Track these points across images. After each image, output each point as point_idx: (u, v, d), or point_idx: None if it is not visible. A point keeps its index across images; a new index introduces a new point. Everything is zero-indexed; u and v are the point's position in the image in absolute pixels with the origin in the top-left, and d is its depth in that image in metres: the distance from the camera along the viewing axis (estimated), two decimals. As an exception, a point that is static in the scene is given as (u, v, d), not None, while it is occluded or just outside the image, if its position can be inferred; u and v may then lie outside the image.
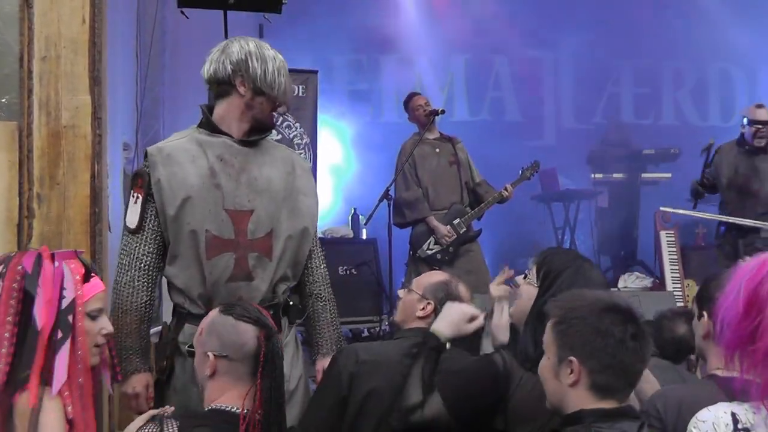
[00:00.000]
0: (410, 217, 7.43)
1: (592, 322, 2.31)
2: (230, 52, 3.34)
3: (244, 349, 2.70)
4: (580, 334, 2.32)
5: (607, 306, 2.34)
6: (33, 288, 2.43)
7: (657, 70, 12.32)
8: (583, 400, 2.32)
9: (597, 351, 2.29)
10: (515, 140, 11.47)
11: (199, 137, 3.37)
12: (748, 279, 1.84)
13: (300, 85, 8.61)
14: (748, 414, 1.86)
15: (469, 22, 11.43)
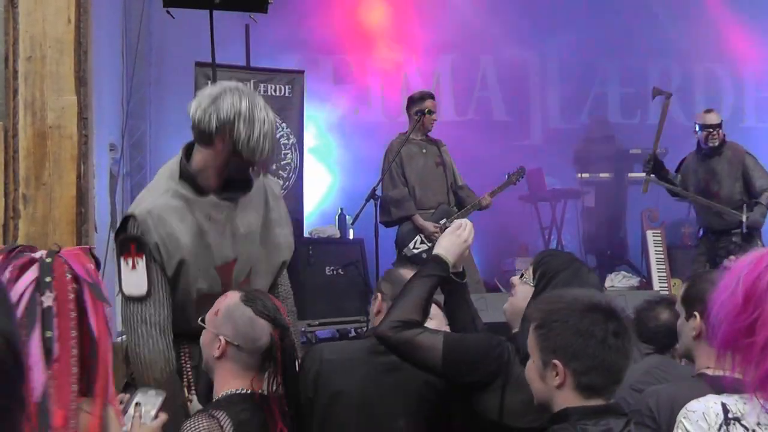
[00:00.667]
0: (396, 215, 7.45)
1: (573, 323, 2.33)
2: (220, 107, 3.23)
3: (257, 344, 2.81)
4: (561, 337, 2.34)
5: (587, 306, 2.36)
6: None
7: (643, 70, 12.33)
8: (570, 400, 2.34)
9: (580, 352, 2.31)
10: (502, 140, 11.46)
11: (184, 194, 3.29)
12: (746, 273, 1.86)
13: (286, 86, 8.61)
14: (738, 404, 1.87)
15: (455, 21, 11.42)
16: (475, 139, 10.71)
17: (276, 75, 8.64)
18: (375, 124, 10.91)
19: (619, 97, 12.39)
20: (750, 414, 1.84)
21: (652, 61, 12.23)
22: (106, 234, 6.52)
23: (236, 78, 8.31)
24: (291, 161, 8.56)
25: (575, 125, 12.01)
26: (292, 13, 9.99)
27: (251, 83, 8.43)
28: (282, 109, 8.55)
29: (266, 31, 8.87)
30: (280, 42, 9.68)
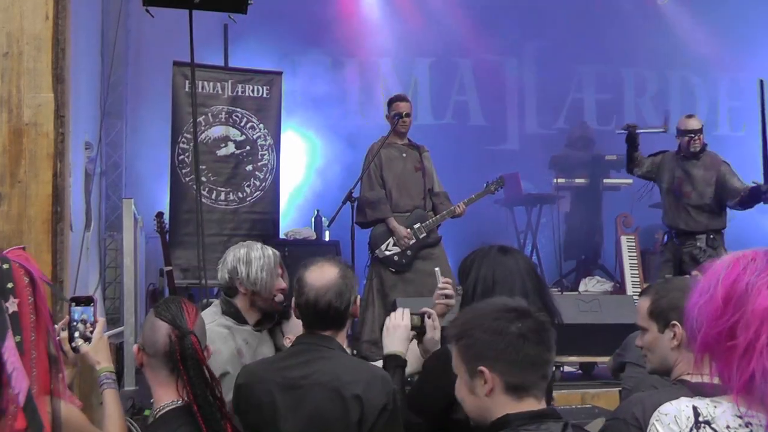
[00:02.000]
0: (371, 217, 7.45)
1: (488, 326, 2.35)
2: (226, 261, 4.05)
3: (155, 347, 2.78)
4: (481, 342, 2.35)
5: (498, 308, 2.40)
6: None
7: (619, 77, 12.43)
8: (503, 406, 2.35)
9: (501, 352, 2.32)
10: (479, 144, 11.53)
11: (227, 323, 4.00)
12: (724, 276, 1.86)
13: (264, 86, 8.59)
14: (708, 408, 1.88)
15: (433, 26, 11.46)
16: (452, 143, 10.75)
17: (254, 76, 8.62)
18: (353, 127, 10.91)
19: (595, 104, 12.47)
20: (720, 417, 1.86)
21: (627, 68, 12.32)
22: (81, 233, 6.49)
23: (214, 78, 8.33)
24: (268, 162, 8.54)
25: (552, 131, 12.08)
26: (272, 14, 9.98)
27: (229, 83, 8.41)
28: (259, 109, 8.54)
29: (245, 32, 8.86)
30: (258, 43, 9.67)
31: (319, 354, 3.10)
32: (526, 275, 3.12)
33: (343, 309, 3.15)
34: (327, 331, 3.16)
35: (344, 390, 2.98)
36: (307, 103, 10.62)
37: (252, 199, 8.43)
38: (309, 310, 3.15)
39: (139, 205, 8.42)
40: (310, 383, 3.02)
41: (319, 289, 3.13)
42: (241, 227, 8.37)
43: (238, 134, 8.41)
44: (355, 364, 3.20)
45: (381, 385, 3.02)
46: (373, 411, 2.97)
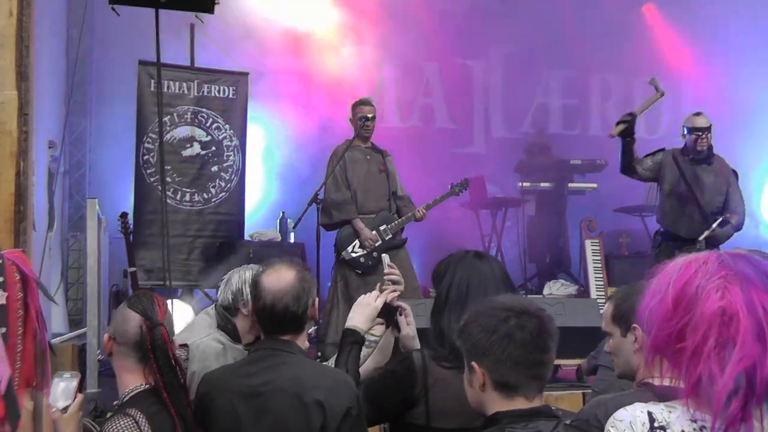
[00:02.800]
0: (337, 218, 7.45)
1: (481, 322, 2.40)
2: (231, 282, 4.10)
3: (126, 336, 2.96)
4: (473, 338, 2.40)
5: (498, 307, 2.42)
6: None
7: (585, 82, 12.51)
8: (495, 402, 2.39)
9: (488, 349, 2.36)
10: (445, 147, 11.54)
11: (222, 339, 4.05)
12: (675, 278, 1.87)
13: (230, 87, 8.57)
14: (663, 413, 1.90)
15: (400, 29, 11.46)
16: (418, 146, 10.75)
17: (220, 76, 8.60)
18: (318, 129, 10.89)
19: (560, 109, 12.54)
20: (675, 423, 1.87)
21: (593, 73, 12.40)
22: (44, 233, 6.42)
23: (180, 78, 8.28)
24: (233, 163, 8.51)
25: (517, 135, 12.13)
26: (239, 14, 9.95)
27: (195, 83, 8.38)
28: (225, 110, 8.52)
29: (212, 32, 8.82)
30: (225, 43, 9.63)
31: (280, 360, 3.08)
32: (500, 281, 3.15)
33: (300, 313, 3.13)
34: (286, 335, 3.14)
35: (306, 396, 2.96)
36: (273, 104, 10.58)
37: (217, 200, 8.40)
38: (266, 314, 3.13)
39: (103, 205, 8.34)
40: (272, 390, 3.00)
41: (276, 294, 3.10)
42: (206, 228, 8.34)
43: (203, 135, 8.38)
44: (317, 368, 3.19)
45: (344, 389, 3.02)
46: (335, 416, 2.95)
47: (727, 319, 1.78)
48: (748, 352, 1.74)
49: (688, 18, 11.99)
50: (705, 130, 7.51)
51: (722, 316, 1.78)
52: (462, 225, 10.99)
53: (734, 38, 11.61)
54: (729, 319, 1.78)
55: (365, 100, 7.80)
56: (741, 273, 1.82)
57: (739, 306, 1.77)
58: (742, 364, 1.74)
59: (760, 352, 1.74)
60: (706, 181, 7.50)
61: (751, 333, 1.75)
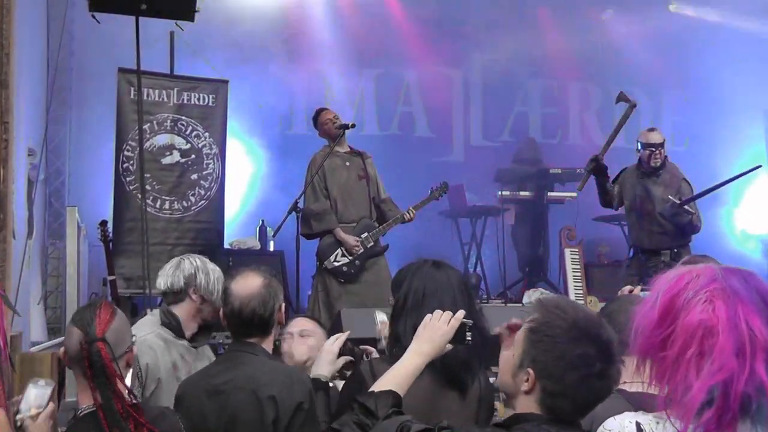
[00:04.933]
0: (317, 229, 7.43)
1: (562, 347, 2.27)
2: (183, 268, 4.07)
3: (69, 351, 2.86)
4: (546, 353, 2.29)
5: (584, 334, 2.29)
6: None
7: (564, 91, 12.56)
8: (531, 410, 2.32)
9: (556, 377, 2.27)
10: (424, 156, 11.55)
11: (165, 335, 4.01)
12: (665, 289, 1.90)
13: (210, 95, 8.54)
14: (651, 424, 1.91)
15: (380, 37, 11.48)
16: (397, 155, 10.77)
17: (200, 84, 8.57)
18: (298, 137, 10.87)
19: (540, 117, 12.58)
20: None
21: (572, 82, 12.45)
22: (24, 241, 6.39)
23: (160, 86, 8.27)
24: (213, 171, 8.49)
25: (497, 143, 12.16)
26: (219, 22, 9.95)
27: (175, 91, 8.35)
28: (205, 118, 8.49)
29: (192, 40, 8.81)
30: (205, 51, 9.62)
31: (241, 360, 3.32)
32: (457, 290, 3.19)
33: (267, 316, 3.37)
34: (252, 338, 3.38)
35: (260, 392, 3.18)
36: (253, 112, 10.57)
37: (197, 208, 8.37)
38: (234, 318, 3.36)
39: (83, 213, 8.32)
40: (232, 388, 3.23)
41: (244, 298, 3.34)
42: (186, 236, 8.30)
43: (183, 142, 8.35)
44: (274, 367, 3.36)
45: (296, 385, 3.24)
46: (287, 410, 3.17)
47: (707, 332, 1.80)
48: (725, 366, 1.77)
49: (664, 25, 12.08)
50: (658, 146, 7.70)
51: (703, 329, 1.80)
52: (441, 233, 10.99)
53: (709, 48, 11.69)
54: (709, 332, 1.80)
55: (322, 108, 7.88)
56: (730, 288, 1.84)
57: (720, 320, 1.80)
58: (717, 377, 1.77)
59: (737, 367, 1.76)
60: (655, 194, 7.69)
61: (729, 347, 1.77)
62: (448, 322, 2.81)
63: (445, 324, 2.81)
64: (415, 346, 2.80)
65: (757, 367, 1.76)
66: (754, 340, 1.78)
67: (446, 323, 2.81)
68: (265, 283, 3.40)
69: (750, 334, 1.78)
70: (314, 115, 7.82)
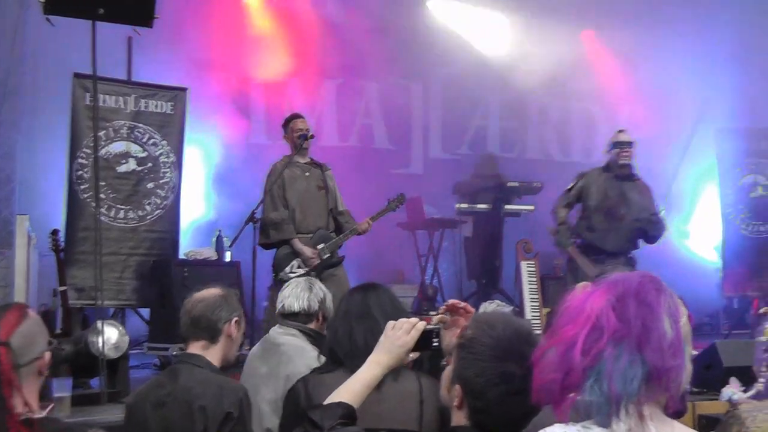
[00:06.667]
0: (275, 238, 7.37)
1: (483, 365, 2.31)
2: (314, 291, 4.57)
3: None
4: (469, 370, 2.33)
5: (507, 352, 2.32)
6: None
7: (523, 106, 12.62)
8: (462, 423, 2.35)
9: (477, 393, 2.30)
10: (383, 168, 11.54)
11: None
12: (574, 300, 1.93)
13: (168, 102, 8.46)
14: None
15: (341, 48, 11.46)
16: (356, 166, 10.73)
17: (158, 91, 8.47)
18: (257, 146, 10.81)
19: (498, 131, 12.63)
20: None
21: (531, 97, 12.51)
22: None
23: (117, 93, 8.15)
24: (170, 180, 8.39)
25: (456, 156, 12.21)
26: (178, 28, 9.83)
27: (132, 98, 8.25)
28: (162, 126, 8.40)
29: (150, 46, 8.70)
30: (163, 57, 9.50)
31: (183, 371, 3.50)
32: (389, 309, 3.34)
33: (214, 321, 3.54)
34: (200, 341, 3.55)
35: (193, 402, 3.36)
36: (212, 120, 10.46)
37: (152, 217, 8.26)
38: (185, 318, 3.57)
39: (33, 221, 8.15)
40: (172, 399, 3.40)
41: (196, 300, 3.58)
42: (140, 246, 8.20)
43: (139, 150, 8.24)
44: (208, 377, 3.49)
45: (226, 396, 3.41)
46: (215, 419, 3.33)
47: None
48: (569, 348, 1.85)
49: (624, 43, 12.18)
50: (627, 145, 7.87)
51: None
52: (399, 245, 11.00)
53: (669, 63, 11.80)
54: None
55: (298, 114, 7.78)
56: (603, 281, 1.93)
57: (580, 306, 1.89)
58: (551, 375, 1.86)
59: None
60: (632, 198, 7.85)
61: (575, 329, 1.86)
62: (409, 332, 2.75)
63: (405, 333, 2.74)
64: (374, 357, 2.76)
65: (582, 334, 1.85)
66: (588, 314, 1.87)
67: (406, 333, 2.74)
68: (221, 294, 3.60)
69: (589, 310, 1.87)
70: (288, 118, 7.72)
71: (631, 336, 1.83)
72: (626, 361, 1.81)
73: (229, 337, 3.59)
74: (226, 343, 3.59)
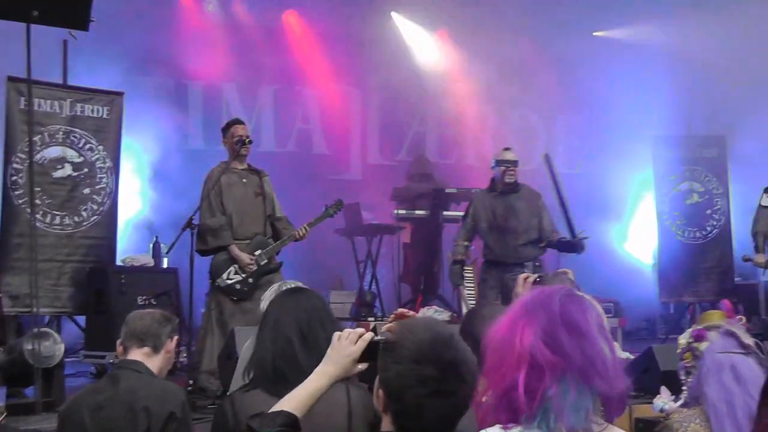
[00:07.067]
0: (213, 244, 7.34)
1: (399, 368, 2.32)
2: None
3: None
4: (388, 374, 2.34)
5: (424, 356, 2.32)
6: None
7: (461, 113, 12.71)
8: (387, 428, 2.36)
9: (395, 396, 2.32)
10: (321, 173, 11.56)
11: None
12: (504, 319, 2.00)
13: (104, 107, 8.37)
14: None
15: (279, 53, 11.45)
16: (294, 172, 10.73)
17: (94, 95, 8.37)
18: (194, 152, 10.75)
19: (436, 138, 12.71)
20: None
21: (469, 104, 12.62)
22: None
23: (52, 97, 8.03)
24: (106, 185, 8.30)
25: (394, 162, 12.26)
26: (115, 32, 9.73)
27: (68, 102, 8.14)
28: (99, 130, 8.31)
29: (86, 49, 8.59)
30: (100, 61, 9.39)
31: (123, 376, 3.56)
32: (312, 314, 3.25)
33: (160, 331, 3.66)
34: (141, 350, 3.63)
35: (136, 404, 3.42)
36: (149, 125, 10.35)
37: (89, 223, 8.16)
38: (130, 326, 3.66)
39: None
40: (112, 403, 3.44)
41: (143, 313, 3.74)
42: (76, 253, 8.09)
43: (75, 155, 8.14)
44: (150, 381, 3.59)
45: (169, 397, 3.50)
46: (158, 420, 3.40)
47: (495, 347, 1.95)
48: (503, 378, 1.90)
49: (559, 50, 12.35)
50: (513, 164, 8.05)
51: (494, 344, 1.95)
52: (337, 251, 11.01)
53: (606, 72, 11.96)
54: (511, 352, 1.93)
55: (239, 120, 7.75)
56: (524, 306, 1.97)
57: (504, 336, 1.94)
58: (501, 386, 1.91)
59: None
60: (519, 208, 8.06)
61: (508, 361, 1.91)
62: (356, 342, 2.70)
63: (352, 344, 2.70)
64: (321, 367, 2.73)
65: (519, 374, 1.88)
66: (519, 350, 1.90)
67: (352, 343, 2.70)
68: (166, 314, 3.79)
69: (521, 345, 1.90)
70: (228, 123, 7.68)
71: (573, 368, 1.85)
72: (574, 395, 1.83)
73: (168, 352, 3.72)
74: (164, 357, 3.69)
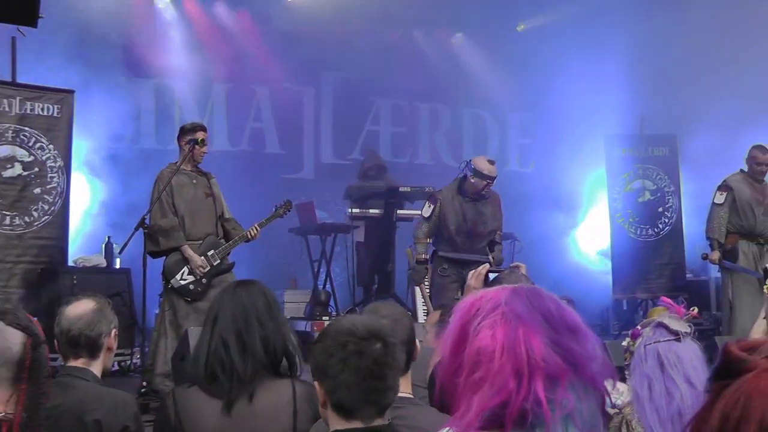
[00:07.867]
0: (165, 245, 7.30)
1: (325, 344, 2.41)
2: None
3: (6, 354, 2.70)
4: (315, 357, 2.42)
5: (342, 329, 2.43)
6: None
7: (414, 111, 12.77)
8: (334, 421, 2.40)
9: (325, 370, 2.38)
10: (274, 172, 11.54)
11: None
12: (458, 317, 1.94)
13: (55, 105, 8.27)
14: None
15: (231, 51, 11.40)
16: (247, 171, 10.69)
17: (44, 93, 8.27)
18: (146, 151, 10.66)
19: (390, 136, 12.74)
20: None
21: (422, 103, 12.67)
22: None
23: (1, 95, 7.94)
24: (57, 185, 8.21)
25: (347, 161, 12.27)
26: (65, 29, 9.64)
27: (17, 100, 8.04)
28: (49, 129, 8.22)
29: (35, 46, 8.50)
30: (50, 58, 9.29)
31: (70, 384, 3.42)
32: (250, 312, 3.35)
33: (94, 337, 3.49)
34: (80, 359, 3.50)
35: (86, 416, 3.32)
36: (100, 124, 10.25)
37: (40, 223, 8.06)
38: (63, 338, 3.49)
39: None
40: (59, 413, 3.27)
41: (72, 318, 3.48)
42: (27, 254, 7.99)
43: (26, 155, 8.04)
44: (100, 391, 3.49)
45: (122, 409, 3.41)
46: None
47: (487, 357, 1.84)
48: (502, 389, 1.81)
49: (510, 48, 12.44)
50: (492, 180, 8.20)
51: (483, 355, 1.84)
52: (291, 251, 10.98)
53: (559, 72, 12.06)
54: (488, 358, 1.84)
55: (198, 126, 7.69)
56: (512, 312, 1.88)
57: (498, 345, 1.84)
58: (494, 400, 1.81)
59: (514, 388, 1.81)
60: (486, 213, 8.37)
61: (506, 370, 1.81)
62: None
63: None
64: None
65: (535, 386, 1.80)
66: (531, 360, 1.82)
67: None
68: (96, 308, 3.54)
69: (528, 355, 1.82)
70: (188, 127, 7.61)
71: (583, 374, 1.87)
72: (584, 399, 1.84)
73: (110, 349, 3.62)
74: (106, 356, 3.62)
